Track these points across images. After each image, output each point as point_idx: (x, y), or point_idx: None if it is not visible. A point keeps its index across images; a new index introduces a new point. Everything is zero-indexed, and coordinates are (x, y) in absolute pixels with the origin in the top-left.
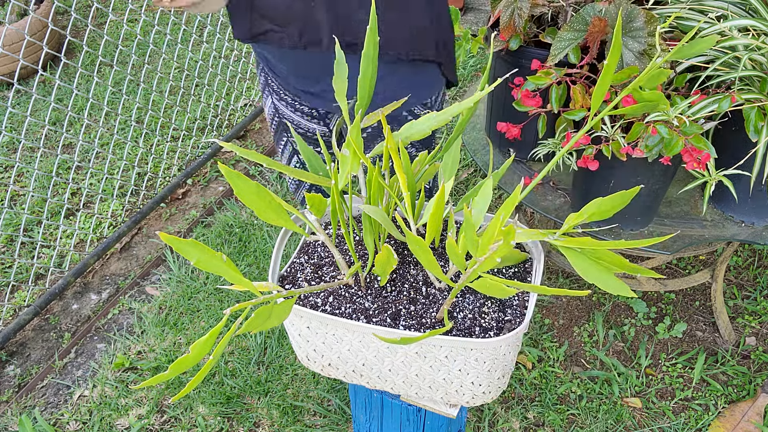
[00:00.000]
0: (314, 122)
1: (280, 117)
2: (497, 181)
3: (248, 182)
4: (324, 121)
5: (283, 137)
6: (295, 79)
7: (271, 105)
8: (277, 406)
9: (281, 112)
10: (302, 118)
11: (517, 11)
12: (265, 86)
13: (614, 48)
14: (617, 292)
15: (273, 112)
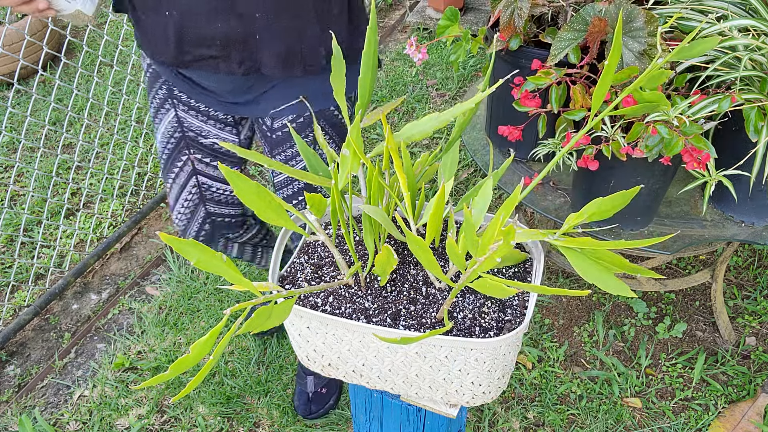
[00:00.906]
0: (226, 130)
1: (184, 131)
2: (497, 181)
3: (248, 182)
4: (236, 129)
5: (181, 157)
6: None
7: (173, 119)
8: (277, 406)
9: (187, 123)
10: (214, 126)
11: (517, 11)
12: (165, 101)
13: (614, 48)
14: (617, 292)
15: (174, 127)
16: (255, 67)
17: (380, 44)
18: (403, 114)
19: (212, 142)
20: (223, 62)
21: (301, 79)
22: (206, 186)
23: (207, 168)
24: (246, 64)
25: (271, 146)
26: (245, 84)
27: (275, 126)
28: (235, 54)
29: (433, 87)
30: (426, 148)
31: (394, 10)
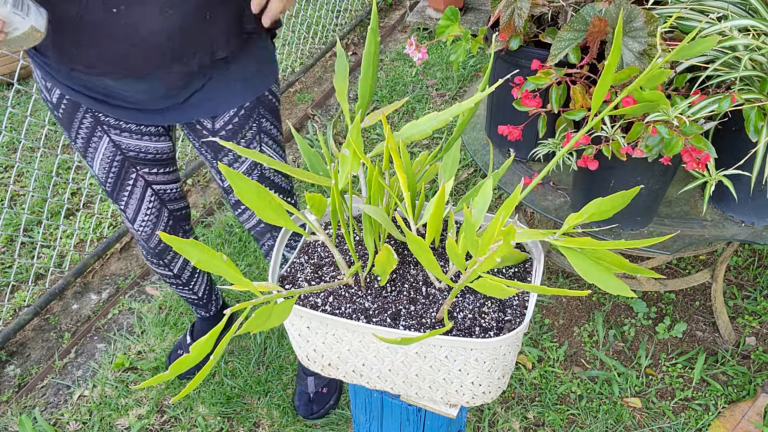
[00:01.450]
0: (162, 141)
1: (124, 153)
2: (497, 181)
3: (248, 182)
4: (169, 136)
5: (130, 176)
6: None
7: (109, 145)
8: (277, 406)
9: (124, 145)
10: (150, 140)
11: (517, 11)
12: (94, 129)
13: (614, 48)
14: (617, 292)
15: (113, 152)
16: (208, 55)
17: (380, 44)
18: (403, 114)
19: (154, 155)
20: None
21: (235, 66)
22: (163, 191)
23: (158, 176)
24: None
25: (216, 149)
26: (179, 83)
27: (218, 126)
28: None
29: (433, 87)
30: (426, 148)
31: (394, 10)
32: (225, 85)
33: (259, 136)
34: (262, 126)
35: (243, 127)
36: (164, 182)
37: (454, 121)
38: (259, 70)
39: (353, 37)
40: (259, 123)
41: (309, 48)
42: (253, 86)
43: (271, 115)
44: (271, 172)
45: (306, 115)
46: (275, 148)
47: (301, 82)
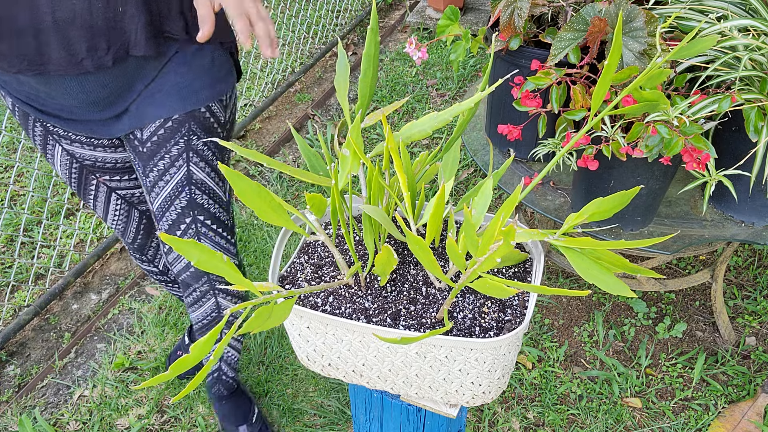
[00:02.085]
0: (119, 151)
1: (80, 161)
2: (497, 181)
3: (248, 182)
4: (124, 147)
5: (91, 182)
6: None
7: (64, 153)
8: (277, 406)
9: (78, 155)
10: (104, 151)
11: (517, 11)
12: (46, 138)
13: (614, 48)
14: (617, 292)
15: (68, 160)
16: (124, 49)
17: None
18: (403, 114)
19: (113, 165)
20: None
21: (168, 75)
22: (129, 194)
23: (121, 182)
24: (113, 47)
25: (144, 161)
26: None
27: (145, 136)
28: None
29: (433, 87)
30: (426, 148)
31: (394, 10)
32: (157, 95)
33: (187, 154)
34: (191, 143)
35: (168, 141)
36: (129, 188)
37: (454, 121)
38: (195, 82)
39: (353, 37)
40: (187, 140)
41: (309, 48)
42: (185, 98)
43: (204, 134)
44: (204, 198)
45: (306, 115)
46: (208, 171)
47: (301, 82)
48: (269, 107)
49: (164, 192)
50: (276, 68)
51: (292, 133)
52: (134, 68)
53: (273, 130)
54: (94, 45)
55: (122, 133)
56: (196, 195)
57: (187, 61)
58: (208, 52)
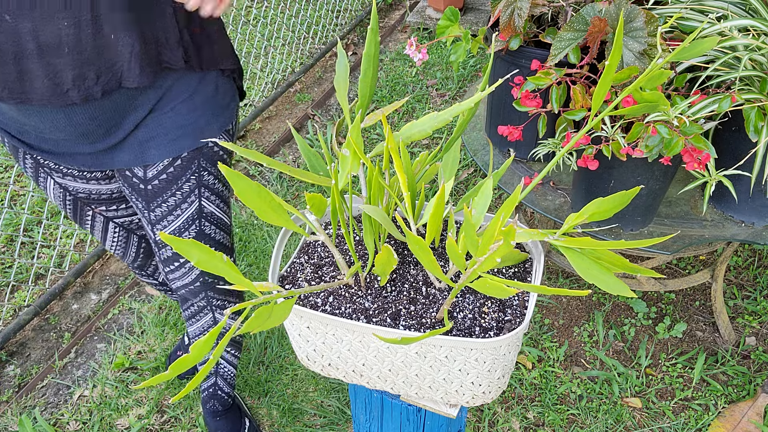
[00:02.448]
0: (113, 182)
1: (74, 194)
2: (497, 181)
3: (248, 182)
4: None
5: (87, 212)
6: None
7: (56, 187)
8: (277, 406)
9: (72, 188)
10: (97, 184)
11: (517, 11)
12: (37, 171)
13: (615, 48)
14: (617, 292)
15: (62, 193)
16: (115, 79)
17: (380, 44)
18: (403, 114)
19: (109, 196)
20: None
21: (171, 115)
22: (127, 222)
23: (118, 211)
24: (104, 77)
25: (148, 199)
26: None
27: (150, 175)
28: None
29: (433, 87)
30: (426, 148)
31: (394, 10)
32: (160, 132)
33: (199, 190)
34: (202, 179)
35: (179, 179)
36: (127, 215)
37: (454, 121)
38: (201, 118)
39: (353, 37)
40: (199, 176)
41: (309, 48)
42: (192, 136)
43: (214, 167)
44: (212, 228)
45: (306, 115)
46: (218, 203)
47: (301, 82)
48: (269, 107)
49: (172, 226)
50: (276, 68)
51: (292, 133)
52: (126, 99)
53: (273, 130)
54: (82, 74)
55: (118, 167)
56: (205, 227)
57: (189, 92)
58: (212, 81)
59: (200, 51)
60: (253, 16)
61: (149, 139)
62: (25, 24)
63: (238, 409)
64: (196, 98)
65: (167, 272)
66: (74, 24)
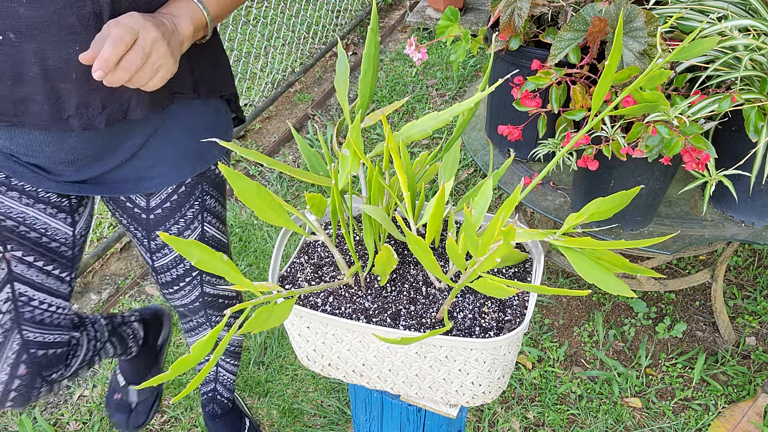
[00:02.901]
0: (59, 218)
1: (4, 217)
2: (497, 181)
3: (248, 182)
4: (72, 217)
5: None
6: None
7: None
8: (277, 406)
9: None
10: (43, 212)
11: (517, 11)
12: None
13: (615, 48)
14: (617, 292)
15: None
16: (122, 110)
17: (380, 44)
18: (403, 114)
19: (40, 236)
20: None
21: (173, 141)
22: (26, 299)
23: (29, 270)
24: (110, 107)
25: (150, 228)
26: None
27: (153, 204)
28: (95, 93)
29: (433, 87)
30: (426, 148)
31: (394, 10)
32: (161, 157)
33: (202, 215)
34: (205, 204)
35: (183, 206)
36: (35, 285)
37: (454, 121)
38: (203, 144)
39: (353, 37)
40: (202, 201)
41: (309, 48)
42: (196, 159)
43: (216, 191)
44: (212, 244)
45: (306, 115)
46: (218, 226)
47: (301, 82)
48: (269, 107)
49: (174, 253)
50: (276, 68)
51: (292, 133)
52: (127, 127)
53: (273, 130)
54: (86, 102)
55: (113, 194)
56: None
57: (191, 118)
58: (213, 106)
59: (206, 78)
60: (253, 16)
61: (151, 167)
62: (31, 45)
63: (238, 410)
64: (199, 124)
65: (166, 294)
66: (86, 48)
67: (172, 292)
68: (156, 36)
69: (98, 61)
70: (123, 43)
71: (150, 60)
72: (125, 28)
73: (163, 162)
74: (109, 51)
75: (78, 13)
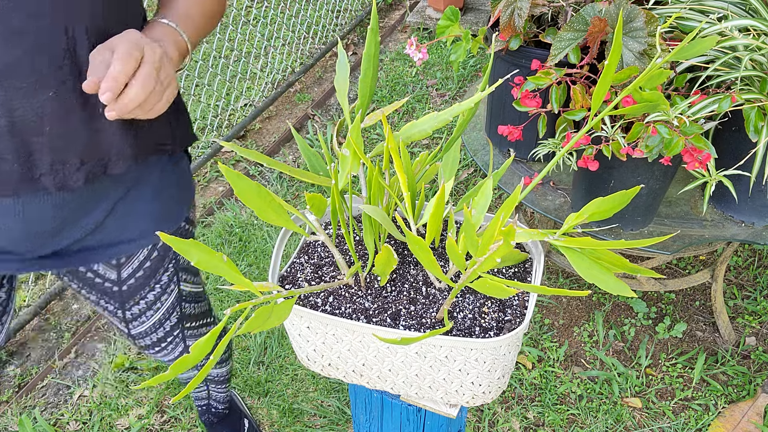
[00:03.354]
0: None
1: None
2: (497, 181)
3: (248, 182)
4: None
5: None
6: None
7: None
8: (277, 407)
9: None
10: None
11: (517, 11)
12: None
13: (614, 48)
14: (617, 292)
15: None
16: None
17: (380, 44)
18: (403, 114)
19: None
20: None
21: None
22: None
23: None
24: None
25: (123, 300)
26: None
27: (125, 275)
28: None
29: (433, 87)
30: (426, 148)
31: (394, 10)
32: (131, 220)
33: (177, 276)
34: (179, 263)
35: (157, 272)
36: None
37: (454, 121)
38: (171, 202)
39: (353, 37)
40: (176, 261)
41: (309, 48)
42: (166, 219)
43: None
44: (191, 306)
45: (306, 115)
46: (194, 279)
47: (301, 82)
48: (269, 107)
49: (152, 319)
50: (276, 68)
51: (292, 133)
52: (102, 188)
53: (273, 130)
54: (62, 158)
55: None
56: (186, 308)
57: (160, 175)
58: (179, 160)
59: (180, 126)
60: (253, 16)
61: (120, 231)
62: None
63: (237, 411)
64: (167, 181)
65: (145, 352)
66: (62, 96)
67: (156, 352)
68: (162, 51)
69: (106, 81)
70: (133, 59)
71: (160, 78)
72: (131, 44)
73: (134, 225)
74: (119, 69)
75: (50, 52)
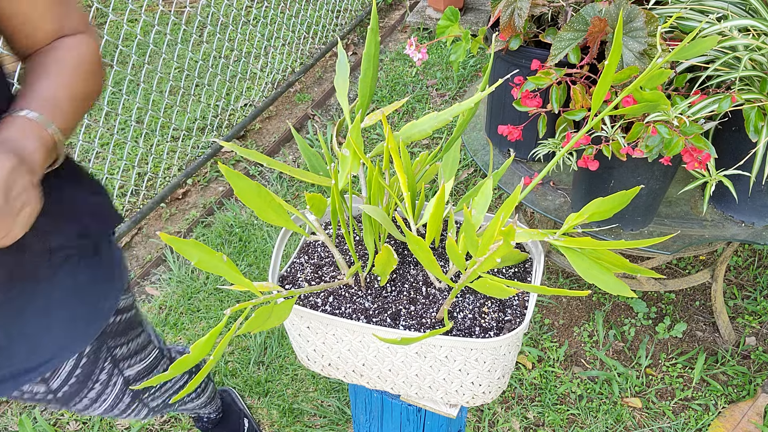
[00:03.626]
0: None
1: None
2: (497, 181)
3: (248, 182)
4: None
5: None
6: None
7: None
8: (277, 406)
9: None
10: None
11: (517, 11)
12: None
13: (614, 48)
14: (617, 292)
15: None
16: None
17: (380, 44)
18: (403, 114)
19: None
20: None
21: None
22: None
23: None
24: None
25: (64, 402)
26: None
27: (54, 386)
28: None
29: (433, 87)
30: (426, 148)
31: (394, 10)
32: (41, 338)
33: (118, 368)
34: (116, 357)
35: (92, 374)
36: None
37: (454, 121)
38: (99, 298)
39: (353, 37)
40: (112, 357)
41: (309, 48)
42: (94, 323)
43: (123, 336)
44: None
45: (306, 115)
46: (140, 357)
47: (301, 82)
48: (269, 107)
49: (104, 405)
50: (276, 68)
51: (292, 133)
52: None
53: (273, 130)
54: None
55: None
56: (137, 383)
57: (73, 275)
58: (105, 246)
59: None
60: (253, 16)
61: (30, 352)
62: None
63: (236, 411)
64: (84, 277)
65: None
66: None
67: (119, 416)
68: (11, 165)
69: None
70: None
71: (10, 197)
72: None
73: (48, 343)
74: None
75: None
